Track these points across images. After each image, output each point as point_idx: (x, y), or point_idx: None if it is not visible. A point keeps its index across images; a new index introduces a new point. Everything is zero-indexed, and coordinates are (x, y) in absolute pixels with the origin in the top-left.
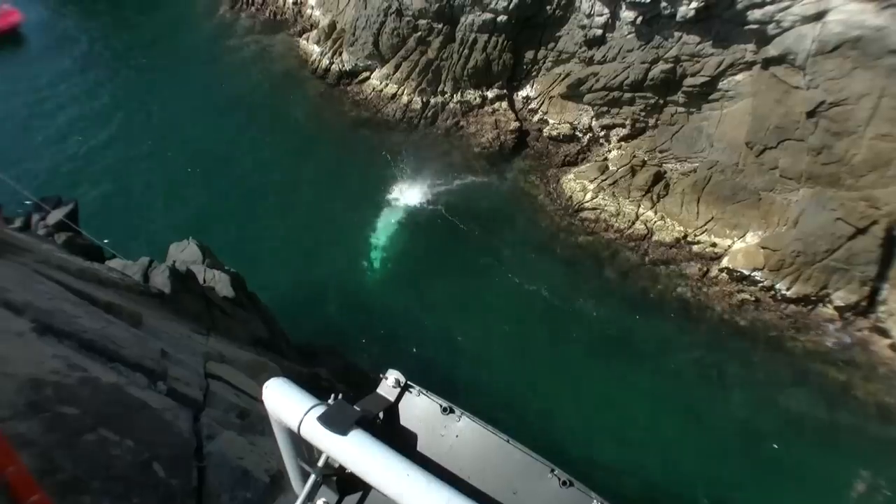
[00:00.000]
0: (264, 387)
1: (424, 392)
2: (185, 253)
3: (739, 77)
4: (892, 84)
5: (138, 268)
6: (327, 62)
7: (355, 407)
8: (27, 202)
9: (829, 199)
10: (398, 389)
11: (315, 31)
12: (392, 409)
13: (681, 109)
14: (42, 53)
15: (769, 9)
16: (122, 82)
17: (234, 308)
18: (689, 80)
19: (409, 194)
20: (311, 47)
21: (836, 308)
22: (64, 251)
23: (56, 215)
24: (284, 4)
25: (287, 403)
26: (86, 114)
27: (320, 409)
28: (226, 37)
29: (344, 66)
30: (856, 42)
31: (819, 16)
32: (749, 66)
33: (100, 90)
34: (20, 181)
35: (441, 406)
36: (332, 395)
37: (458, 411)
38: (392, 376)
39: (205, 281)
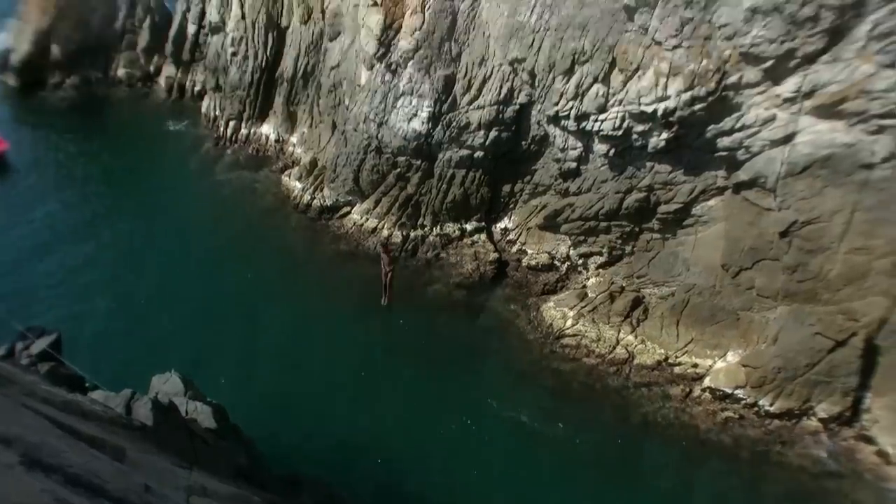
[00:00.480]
0: None
1: None
2: (167, 385)
3: (712, 202)
4: (865, 198)
5: (121, 400)
6: (309, 198)
7: None
8: (18, 328)
9: (807, 315)
10: None
11: (297, 168)
12: None
13: (656, 236)
14: (28, 181)
15: (738, 136)
16: (105, 213)
17: (216, 439)
18: (662, 208)
19: (389, 324)
20: (293, 183)
21: (821, 420)
22: (48, 382)
23: (40, 345)
24: (267, 142)
25: None
26: (70, 242)
27: None
28: (209, 171)
29: (325, 201)
30: (825, 161)
31: (788, 139)
32: (721, 191)
33: (84, 220)
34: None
35: None
36: None
37: None
38: None
39: (187, 413)
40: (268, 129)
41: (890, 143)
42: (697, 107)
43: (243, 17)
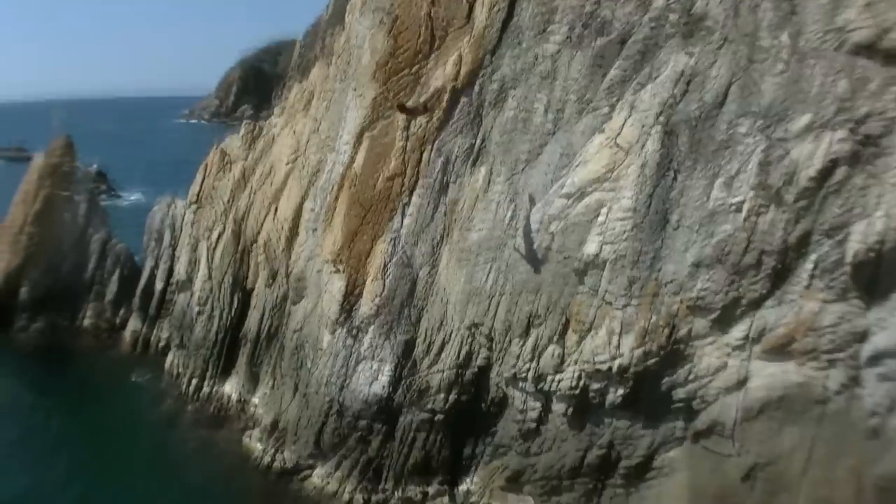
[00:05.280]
0: None
1: None
2: None
3: (672, 453)
4: (822, 432)
5: None
6: (269, 459)
7: None
8: None
9: None
10: None
11: (258, 429)
12: None
13: (620, 490)
14: None
15: (692, 386)
16: (60, 467)
17: None
18: (624, 462)
19: None
20: (254, 444)
21: None
22: None
23: None
24: (229, 401)
25: None
26: (23, 488)
27: None
28: (170, 428)
29: (286, 463)
30: (780, 401)
31: (741, 384)
32: (680, 441)
33: (37, 474)
34: None
35: None
36: None
37: None
38: None
39: None
40: (230, 388)
41: (842, 376)
42: (650, 361)
43: (210, 276)
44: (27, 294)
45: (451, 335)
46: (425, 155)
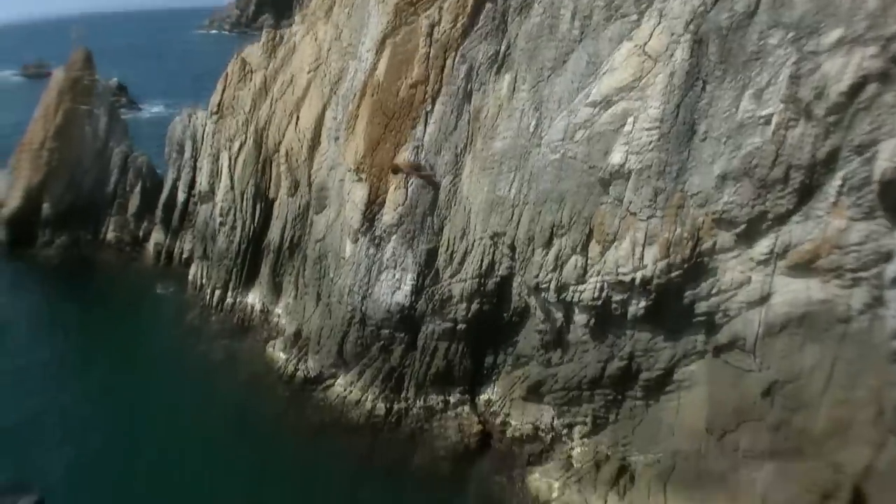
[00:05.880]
0: None
1: None
2: None
3: (693, 367)
4: (844, 351)
5: None
6: (293, 368)
7: None
8: None
9: (794, 472)
10: None
11: (281, 338)
12: None
13: (639, 402)
14: (12, 336)
15: (715, 300)
16: (89, 377)
17: None
18: (644, 374)
19: (374, 499)
20: (277, 354)
21: None
22: None
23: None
24: (252, 311)
25: None
26: (52, 400)
27: None
28: (194, 339)
29: (309, 372)
30: (803, 318)
31: (764, 299)
32: (701, 355)
33: (66, 382)
34: None
35: None
36: None
37: None
38: None
39: None
40: (253, 299)
41: (865, 296)
42: (673, 273)
43: (232, 187)
44: (49, 210)
45: (473, 245)
46: (449, 62)
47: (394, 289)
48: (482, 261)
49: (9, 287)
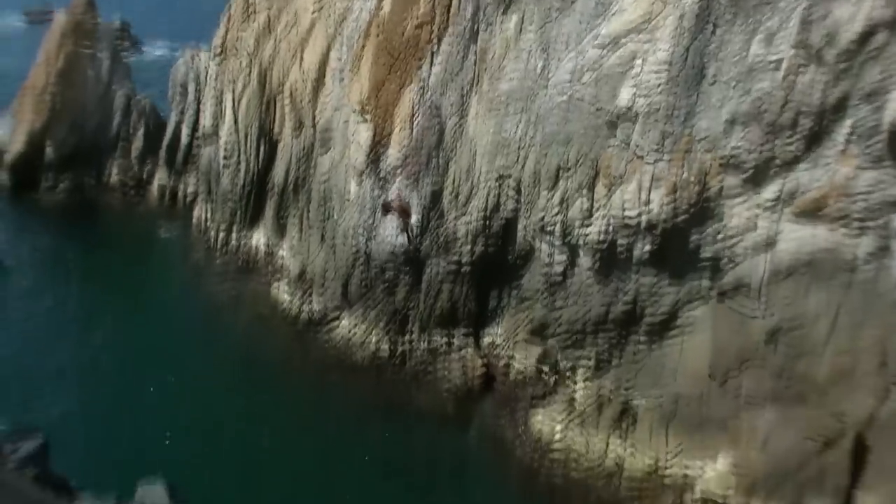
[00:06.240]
0: None
1: None
2: (153, 496)
3: (697, 311)
4: (849, 300)
5: None
6: (297, 309)
7: None
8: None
9: (796, 419)
10: None
11: (285, 280)
12: None
13: (643, 345)
14: (17, 284)
15: (720, 244)
16: (94, 318)
17: None
18: (648, 318)
19: (376, 438)
20: (282, 294)
21: None
22: (34, 487)
23: (26, 448)
24: (257, 251)
25: None
26: (58, 344)
27: None
28: (199, 280)
29: (314, 313)
30: (808, 265)
31: (770, 245)
32: (705, 299)
33: (72, 324)
34: None
35: None
36: None
37: None
38: None
39: None
40: (258, 239)
41: (872, 244)
42: (679, 217)
43: (236, 127)
44: (53, 154)
45: (478, 185)
46: (455, 1)
47: (398, 229)
48: (487, 201)
49: (13, 231)
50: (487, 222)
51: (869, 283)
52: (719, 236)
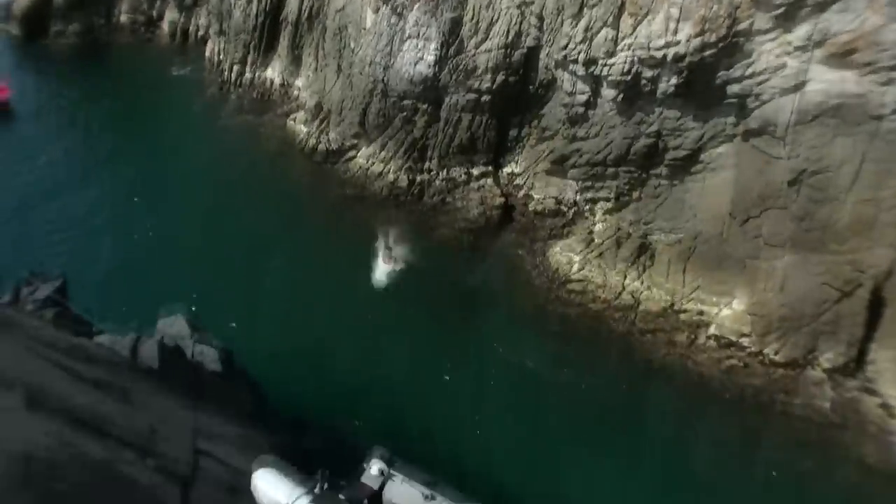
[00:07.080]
0: (252, 476)
1: (407, 480)
2: (173, 328)
3: (721, 149)
4: (874, 149)
5: (127, 343)
6: (314, 141)
7: (340, 496)
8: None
9: (814, 264)
10: (381, 478)
11: (302, 112)
12: (376, 497)
13: (664, 182)
14: (31, 128)
15: (748, 83)
16: (110, 158)
17: (222, 382)
18: (671, 154)
19: (394, 269)
20: (299, 127)
21: (825, 370)
22: (53, 327)
23: (45, 290)
24: (272, 86)
25: (274, 494)
26: (74, 187)
27: (306, 500)
28: (214, 116)
29: (330, 145)
30: (836, 110)
31: (798, 87)
32: (730, 138)
33: (88, 165)
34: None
35: (423, 494)
36: (319, 479)
37: (439, 498)
38: (375, 466)
39: (193, 356)
40: (272, 73)
41: None
42: (707, 52)
43: None
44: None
45: (500, 14)
46: None
47: (416, 59)
48: (509, 31)
49: (28, 77)
50: (508, 52)
51: (894, 135)
52: (747, 74)
